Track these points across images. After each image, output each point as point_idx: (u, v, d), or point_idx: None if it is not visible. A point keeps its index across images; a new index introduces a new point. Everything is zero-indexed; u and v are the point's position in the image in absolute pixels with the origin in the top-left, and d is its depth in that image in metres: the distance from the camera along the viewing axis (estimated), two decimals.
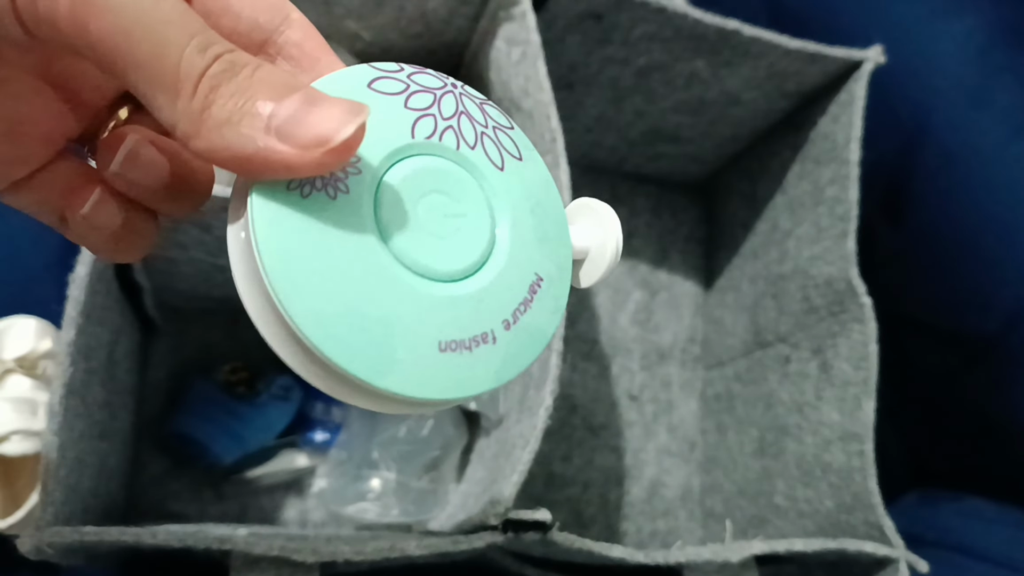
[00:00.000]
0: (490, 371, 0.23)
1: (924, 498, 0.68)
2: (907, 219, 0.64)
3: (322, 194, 0.21)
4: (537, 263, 0.24)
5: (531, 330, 0.24)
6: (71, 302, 0.41)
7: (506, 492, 0.42)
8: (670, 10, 0.53)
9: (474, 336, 0.22)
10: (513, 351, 0.23)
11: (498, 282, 0.23)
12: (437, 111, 0.24)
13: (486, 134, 0.24)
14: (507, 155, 0.25)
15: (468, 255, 0.23)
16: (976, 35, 0.60)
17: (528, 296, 0.24)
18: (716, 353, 0.71)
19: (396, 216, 0.22)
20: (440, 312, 0.22)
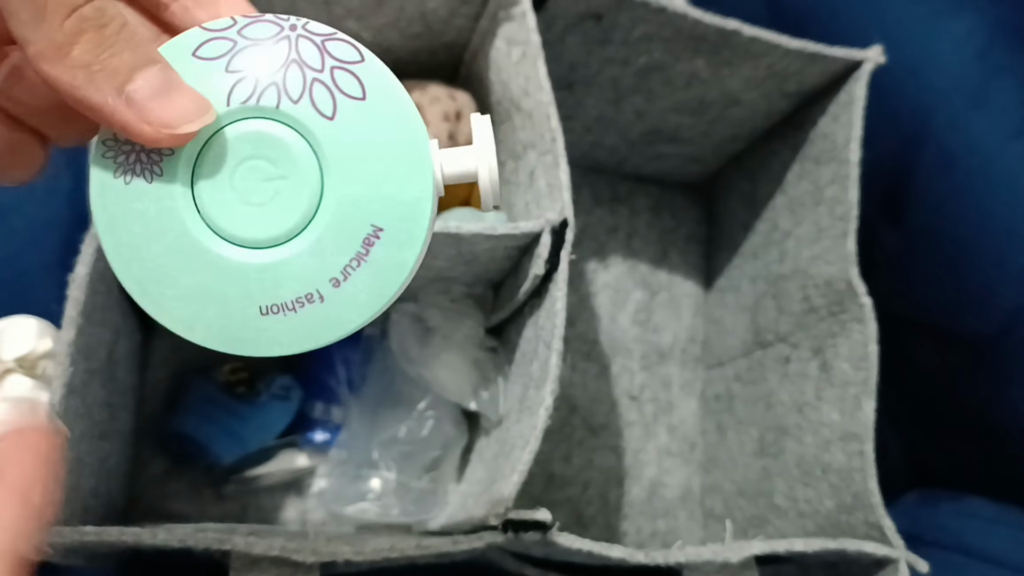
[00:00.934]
0: (320, 327, 0.24)
1: (924, 498, 0.68)
2: (907, 219, 0.64)
3: (140, 180, 0.23)
4: (376, 214, 0.24)
5: (367, 284, 0.24)
6: (71, 302, 0.41)
7: (506, 492, 0.42)
8: (670, 10, 0.53)
9: (298, 297, 0.23)
10: (346, 307, 0.24)
11: (322, 240, 0.23)
12: (259, 67, 0.23)
13: (318, 80, 0.23)
14: (344, 99, 0.23)
15: (287, 218, 0.23)
16: (976, 35, 0.60)
17: (362, 250, 0.24)
18: (716, 353, 0.71)
19: (211, 189, 0.23)
20: (257, 278, 0.23)
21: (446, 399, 0.58)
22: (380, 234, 0.24)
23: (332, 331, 0.24)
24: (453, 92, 0.57)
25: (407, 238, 0.24)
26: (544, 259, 0.47)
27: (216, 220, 0.23)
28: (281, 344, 0.24)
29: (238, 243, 0.23)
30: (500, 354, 0.59)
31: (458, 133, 0.56)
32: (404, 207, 0.24)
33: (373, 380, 0.59)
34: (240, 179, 0.23)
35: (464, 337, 0.58)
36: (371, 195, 0.24)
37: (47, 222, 0.54)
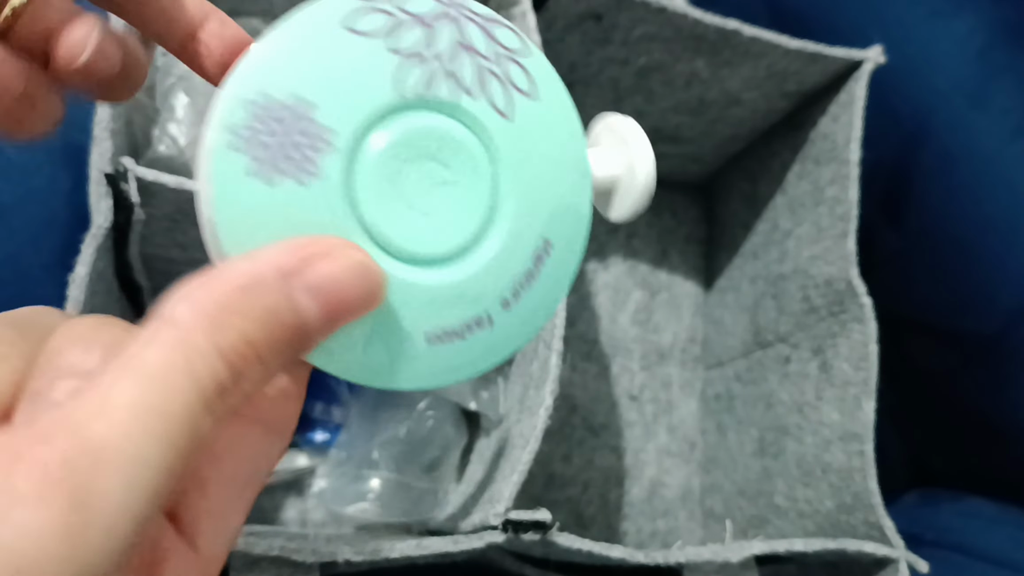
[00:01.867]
0: (485, 354, 0.21)
1: (924, 498, 0.68)
2: (907, 219, 0.64)
3: (290, 181, 0.18)
4: (546, 225, 0.21)
5: (534, 304, 0.21)
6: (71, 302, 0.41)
7: (506, 492, 0.42)
8: (670, 10, 0.53)
9: (467, 323, 0.20)
10: (514, 330, 0.21)
11: (498, 258, 0.20)
12: (428, 49, 0.20)
13: (491, 71, 0.20)
14: (517, 95, 0.21)
15: (460, 231, 0.20)
16: (976, 35, 0.60)
17: (533, 267, 0.21)
18: (716, 353, 0.71)
19: (374, 195, 0.19)
20: (427, 301, 0.19)
21: (446, 399, 0.58)
22: (550, 248, 0.21)
23: (495, 356, 0.21)
24: None
25: (571, 250, 0.21)
26: None
27: (382, 232, 0.19)
28: (444, 376, 0.20)
29: (405, 259, 0.19)
30: None
31: None
32: (570, 217, 0.21)
33: None
34: (408, 183, 0.19)
35: None
36: (542, 205, 0.21)
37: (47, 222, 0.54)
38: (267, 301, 0.17)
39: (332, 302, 0.18)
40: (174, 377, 0.15)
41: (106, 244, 0.42)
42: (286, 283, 0.17)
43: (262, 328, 0.17)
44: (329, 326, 0.18)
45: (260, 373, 0.17)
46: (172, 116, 0.47)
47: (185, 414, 0.15)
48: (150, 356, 0.16)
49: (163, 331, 0.16)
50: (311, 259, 0.18)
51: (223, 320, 0.16)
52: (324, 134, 0.19)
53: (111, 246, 0.44)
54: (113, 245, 0.45)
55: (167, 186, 0.41)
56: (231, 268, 0.17)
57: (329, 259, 0.18)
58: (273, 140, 0.18)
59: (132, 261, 0.47)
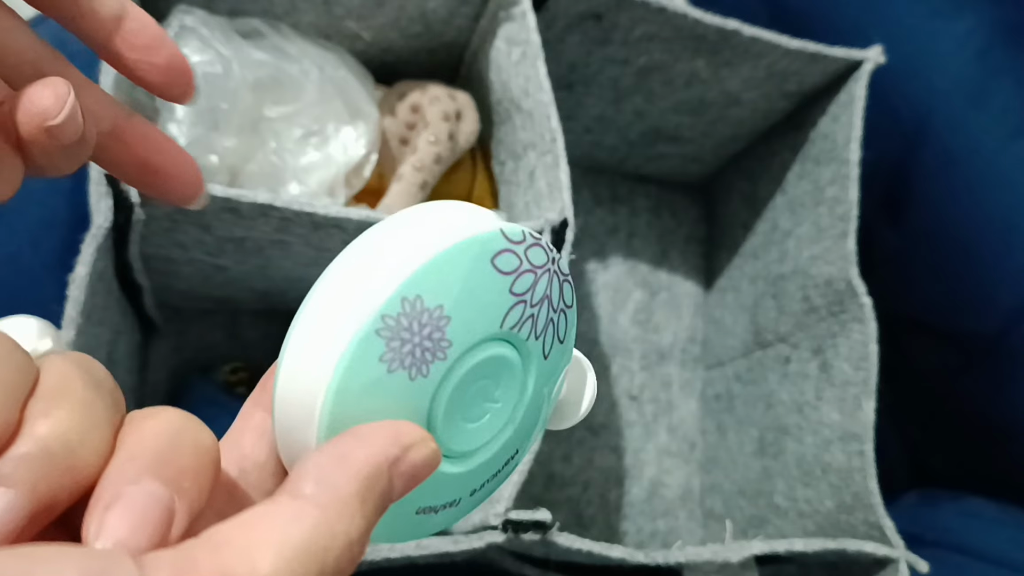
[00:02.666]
0: (445, 522, 0.24)
1: (924, 498, 0.68)
2: (907, 219, 0.64)
3: (405, 374, 0.21)
4: (520, 440, 0.25)
5: (488, 490, 0.25)
6: (71, 302, 0.41)
7: (506, 492, 0.42)
8: (670, 10, 0.53)
9: (445, 504, 0.24)
10: (469, 508, 0.25)
11: (487, 461, 0.24)
12: (530, 297, 0.23)
13: (552, 320, 0.24)
14: (555, 341, 0.24)
15: (479, 439, 0.23)
16: (976, 35, 0.60)
17: (500, 469, 0.24)
18: (716, 353, 0.71)
19: (448, 399, 0.22)
20: (429, 486, 0.22)
21: None
22: (515, 456, 0.25)
23: (448, 524, 0.25)
24: (453, 92, 0.57)
25: (521, 459, 0.25)
26: None
27: (435, 428, 0.22)
28: (414, 535, 0.24)
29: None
30: None
31: (458, 133, 0.56)
32: (533, 435, 0.25)
33: None
34: (471, 395, 0.22)
35: None
36: (529, 423, 0.24)
37: (47, 222, 0.54)
38: (381, 488, 0.19)
39: (408, 488, 0.20)
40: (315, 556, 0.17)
41: (106, 244, 0.42)
42: (391, 470, 0.19)
43: (377, 511, 0.19)
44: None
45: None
46: (172, 116, 0.47)
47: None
48: (294, 534, 0.17)
49: (303, 511, 0.17)
50: (409, 448, 0.20)
51: (350, 506, 0.18)
52: (445, 345, 0.21)
53: (111, 246, 0.44)
54: (113, 245, 0.45)
55: None
56: (356, 451, 0.19)
57: (419, 450, 0.20)
58: (409, 336, 0.20)
59: (132, 261, 0.47)
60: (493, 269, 0.22)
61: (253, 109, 0.49)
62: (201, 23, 0.49)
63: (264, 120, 0.50)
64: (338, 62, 0.53)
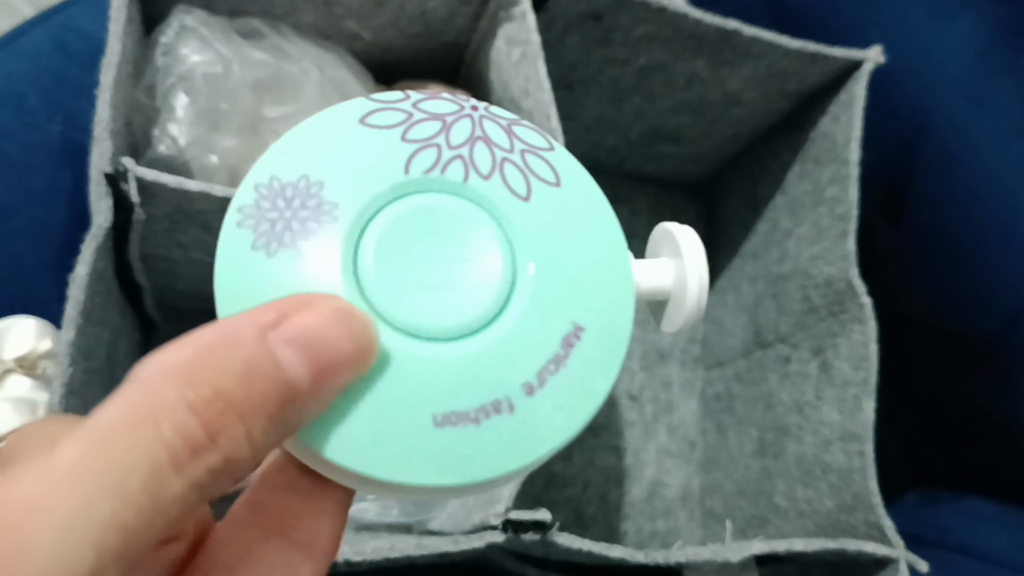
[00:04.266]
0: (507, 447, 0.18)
1: (924, 498, 0.68)
2: (907, 219, 0.64)
3: (288, 250, 0.18)
4: (575, 310, 0.20)
5: (569, 392, 0.19)
6: (71, 302, 0.41)
7: (506, 492, 0.42)
8: (670, 10, 0.53)
9: (481, 405, 0.18)
10: (542, 421, 0.19)
11: (516, 337, 0.19)
12: (444, 140, 0.20)
13: (509, 160, 0.20)
14: (537, 182, 0.20)
15: (474, 307, 0.19)
16: (976, 35, 0.60)
17: (561, 351, 0.19)
18: (716, 353, 0.71)
19: (379, 270, 0.19)
20: (433, 379, 0.18)
21: None
22: (581, 334, 0.20)
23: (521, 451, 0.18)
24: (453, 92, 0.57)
25: (610, 342, 0.20)
26: None
27: (384, 304, 0.18)
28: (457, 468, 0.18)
29: (411, 333, 0.18)
30: None
31: None
32: (606, 306, 0.20)
33: None
34: (417, 258, 0.19)
35: None
36: (570, 289, 0.20)
37: (47, 222, 0.54)
38: (244, 354, 0.16)
39: (316, 354, 0.16)
40: (132, 432, 0.14)
41: (106, 244, 0.42)
42: (263, 336, 0.16)
43: (239, 383, 0.15)
44: (319, 384, 0.17)
45: (243, 435, 0.15)
46: (172, 116, 0.47)
47: (144, 470, 0.14)
48: (105, 415, 0.15)
49: (125, 390, 0.15)
50: (291, 312, 0.17)
51: (194, 376, 0.15)
52: (328, 207, 0.19)
53: (111, 246, 0.44)
54: (113, 245, 0.45)
55: (167, 186, 0.41)
56: (205, 328, 0.16)
57: (310, 310, 0.17)
58: (278, 215, 0.19)
59: (132, 261, 0.47)
60: (365, 127, 0.20)
61: (253, 109, 0.49)
62: (201, 23, 0.49)
63: (264, 120, 0.50)
64: (338, 62, 0.53)
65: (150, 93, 0.47)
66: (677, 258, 0.22)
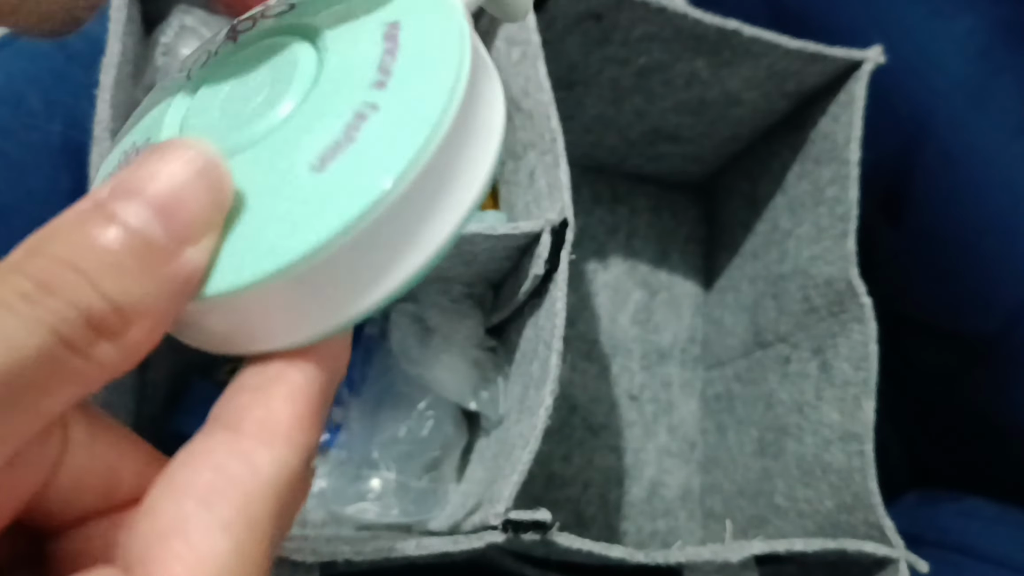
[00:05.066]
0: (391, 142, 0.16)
1: (924, 498, 0.68)
2: (907, 219, 0.64)
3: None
4: (388, 10, 0.19)
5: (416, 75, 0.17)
6: None
7: (506, 492, 0.42)
8: (670, 10, 0.53)
9: (346, 124, 0.17)
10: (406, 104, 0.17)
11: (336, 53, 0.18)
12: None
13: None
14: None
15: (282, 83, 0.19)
16: (976, 35, 0.60)
17: (388, 46, 0.18)
18: (716, 353, 0.71)
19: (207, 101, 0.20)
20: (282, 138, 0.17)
21: (446, 399, 0.58)
22: (397, 27, 0.18)
23: (406, 143, 0.16)
24: None
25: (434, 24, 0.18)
26: (544, 259, 0.47)
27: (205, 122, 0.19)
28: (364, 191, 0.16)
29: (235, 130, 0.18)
30: (500, 354, 0.59)
31: None
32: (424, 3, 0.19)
33: (373, 380, 0.59)
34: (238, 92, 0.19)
35: (464, 337, 0.58)
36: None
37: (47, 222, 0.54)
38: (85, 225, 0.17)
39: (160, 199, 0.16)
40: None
41: None
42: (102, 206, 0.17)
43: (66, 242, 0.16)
44: (181, 230, 0.16)
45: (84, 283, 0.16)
46: None
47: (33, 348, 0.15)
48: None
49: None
50: (121, 179, 0.17)
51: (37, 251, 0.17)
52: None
53: None
54: None
55: None
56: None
57: (136, 167, 0.16)
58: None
59: None
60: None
61: None
62: (201, 23, 0.49)
63: None
64: None
65: None
66: None
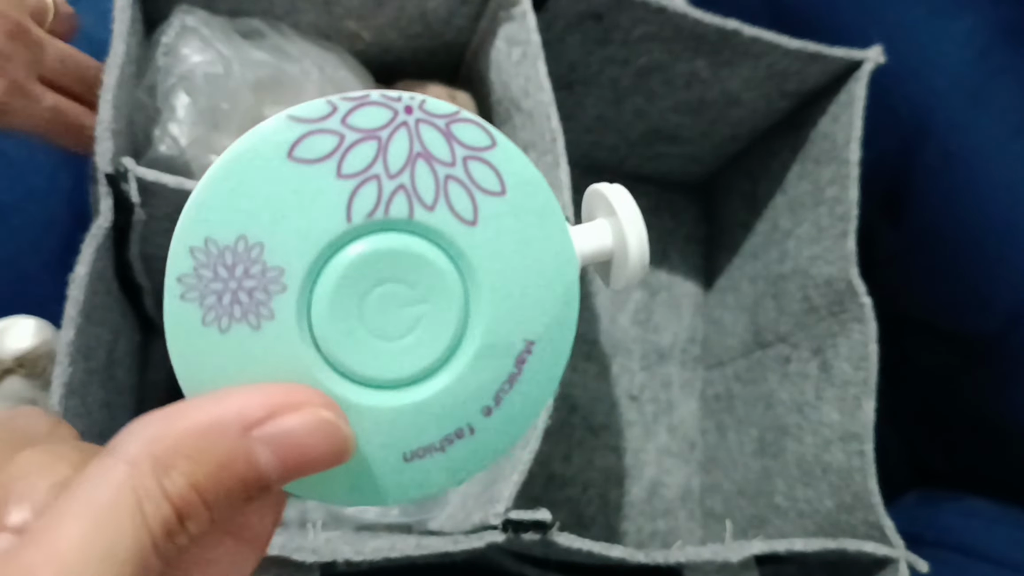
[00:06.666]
0: (466, 463, 0.20)
1: (924, 498, 0.68)
2: (907, 219, 0.64)
3: (243, 326, 0.18)
4: (526, 325, 0.20)
5: (519, 407, 0.20)
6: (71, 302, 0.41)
7: (506, 492, 0.42)
8: (670, 10, 0.53)
9: (446, 436, 0.20)
10: (497, 435, 0.20)
11: (473, 367, 0.19)
12: (382, 168, 0.19)
13: (452, 177, 0.19)
14: (482, 197, 0.19)
15: (433, 349, 0.19)
16: (976, 35, 0.60)
17: (515, 370, 0.20)
18: (716, 353, 0.71)
19: (335, 328, 0.19)
20: (400, 422, 0.19)
21: None
22: (532, 348, 0.20)
23: (477, 464, 0.20)
24: (453, 92, 0.57)
25: (558, 345, 0.20)
26: None
27: (346, 363, 0.19)
28: (425, 487, 0.20)
29: (375, 386, 0.19)
30: None
31: None
32: (554, 311, 0.20)
33: None
34: (372, 310, 0.19)
35: None
36: (521, 306, 0.20)
37: (47, 222, 0.54)
38: (221, 450, 0.17)
39: (291, 458, 0.18)
40: (122, 519, 0.16)
41: (106, 244, 0.42)
42: (246, 434, 0.17)
43: (211, 476, 0.17)
44: (289, 477, 0.18)
45: (207, 518, 0.17)
46: (173, 116, 0.47)
47: (134, 556, 0.16)
48: (98, 496, 0.16)
49: (112, 469, 0.16)
50: (277, 412, 0.17)
51: (172, 462, 0.16)
52: (274, 274, 0.18)
53: (111, 246, 0.44)
54: (113, 245, 0.45)
55: (167, 186, 0.41)
56: (194, 407, 0.17)
57: (295, 415, 0.18)
58: (222, 286, 0.18)
59: (132, 261, 0.47)
60: (296, 163, 0.18)
61: (253, 109, 0.49)
62: (202, 23, 0.49)
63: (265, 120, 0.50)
64: (338, 62, 0.53)
65: (151, 93, 0.47)
66: (612, 216, 0.21)
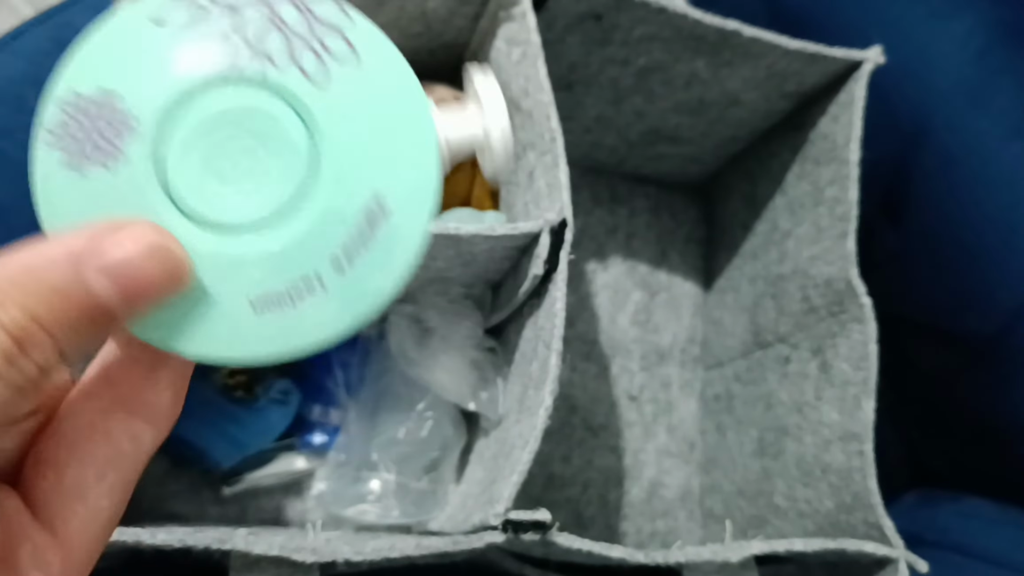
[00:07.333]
0: (321, 322, 0.21)
1: (924, 498, 0.68)
2: (907, 219, 0.64)
3: (98, 168, 0.20)
4: (379, 190, 0.21)
5: (372, 267, 0.21)
6: None
7: (505, 492, 0.42)
8: (670, 10, 0.53)
9: (293, 285, 0.20)
10: (351, 295, 0.21)
11: (320, 219, 0.20)
12: (235, 32, 0.21)
13: (305, 44, 0.21)
14: (334, 63, 0.21)
15: (276, 196, 0.20)
16: (976, 35, 0.60)
17: (365, 228, 0.21)
18: (716, 353, 0.71)
19: (185, 174, 0.20)
20: (245, 268, 0.20)
21: (445, 400, 0.58)
22: (384, 209, 0.21)
23: (333, 325, 0.21)
24: (459, 94, 0.57)
25: (414, 215, 0.21)
26: (543, 259, 0.47)
27: (193, 207, 0.20)
28: (277, 343, 0.21)
29: (220, 229, 0.20)
30: (499, 354, 0.59)
31: None
32: (410, 179, 0.21)
33: (371, 382, 0.59)
34: (219, 157, 0.20)
35: (463, 338, 0.58)
36: (372, 167, 0.21)
37: None
38: (52, 279, 0.18)
39: (129, 284, 0.18)
40: None
41: None
42: (75, 263, 0.18)
43: (46, 303, 0.18)
44: (131, 306, 0.19)
45: (51, 347, 0.18)
46: None
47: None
48: None
49: None
50: (105, 241, 0.18)
51: (6, 295, 0.17)
52: (127, 120, 0.20)
53: None
54: None
55: None
56: (26, 247, 0.18)
57: (124, 240, 0.18)
58: (81, 132, 0.20)
59: None
60: (157, 26, 0.20)
61: None
62: None
63: None
64: None
65: None
66: (479, 108, 0.23)
